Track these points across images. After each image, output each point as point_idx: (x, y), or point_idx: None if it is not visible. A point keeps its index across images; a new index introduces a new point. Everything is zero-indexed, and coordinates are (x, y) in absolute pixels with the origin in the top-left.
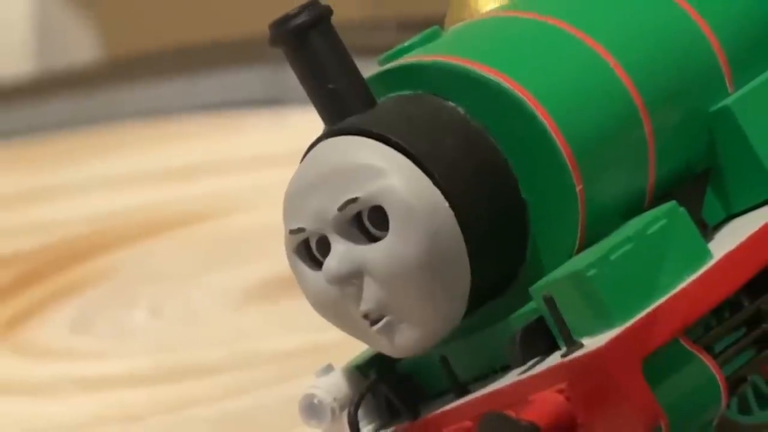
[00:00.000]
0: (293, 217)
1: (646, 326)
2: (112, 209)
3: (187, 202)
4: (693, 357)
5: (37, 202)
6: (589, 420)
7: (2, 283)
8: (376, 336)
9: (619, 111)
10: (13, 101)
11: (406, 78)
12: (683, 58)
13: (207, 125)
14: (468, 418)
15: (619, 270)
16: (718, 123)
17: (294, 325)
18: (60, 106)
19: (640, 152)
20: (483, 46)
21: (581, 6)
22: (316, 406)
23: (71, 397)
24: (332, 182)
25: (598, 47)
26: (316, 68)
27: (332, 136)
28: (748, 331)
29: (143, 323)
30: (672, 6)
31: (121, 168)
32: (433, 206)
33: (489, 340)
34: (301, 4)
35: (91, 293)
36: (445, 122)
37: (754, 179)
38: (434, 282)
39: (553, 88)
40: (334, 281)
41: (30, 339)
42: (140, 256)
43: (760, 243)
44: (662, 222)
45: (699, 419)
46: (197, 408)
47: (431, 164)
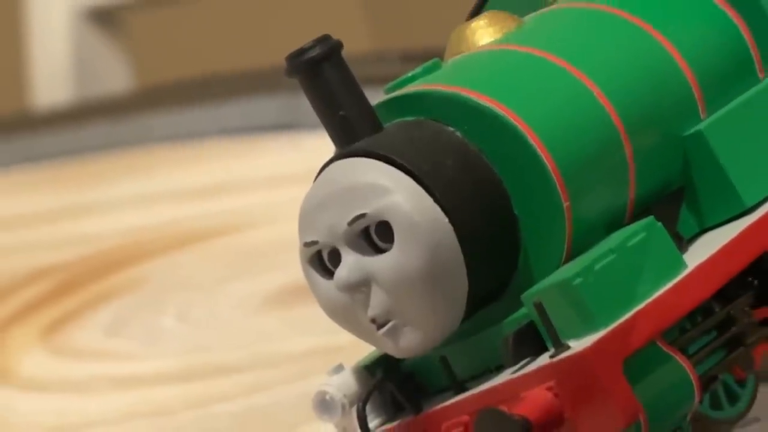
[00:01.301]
0: (307, 231)
1: (626, 330)
2: (143, 224)
3: (211, 217)
4: (669, 358)
5: (76, 218)
6: (575, 415)
7: (43, 291)
8: (382, 338)
9: (602, 135)
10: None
11: (409, 105)
12: (660, 88)
13: (229, 148)
14: (466, 413)
15: (602, 279)
16: (692, 146)
17: (308, 329)
18: (96, 131)
19: (621, 172)
20: (479, 76)
21: (568, 40)
22: (328, 402)
23: (105, 394)
24: (343, 199)
25: (583, 77)
26: (328, 96)
27: (342, 157)
28: (719, 334)
29: (171, 327)
30: (650, 40)
31: (152, 187)
32: (434, 221)
33: (484, 342)
34: (314, 39)
35: (124, 300)
36: (444, 145)
37: (725, 197)
38: (435, 290)
39: (543, 114)
40: (344, 289)
41: (68, 341)
42: (169, 267)
43: (730, 255)
44: (641, 235)
45: (674, 414)
46: (221, 404)
47: (432, 183)
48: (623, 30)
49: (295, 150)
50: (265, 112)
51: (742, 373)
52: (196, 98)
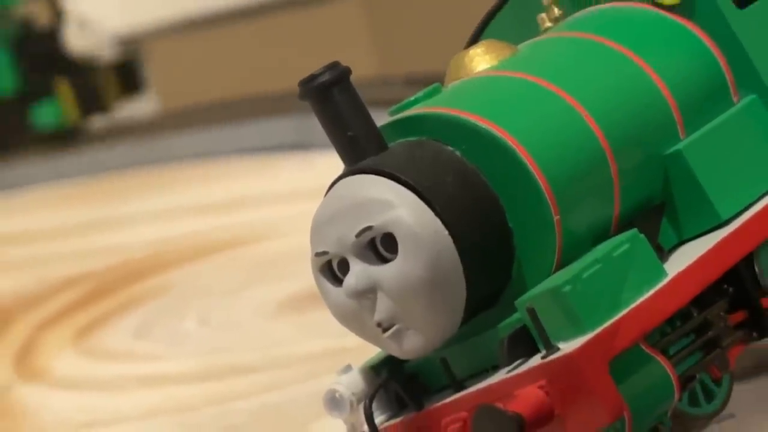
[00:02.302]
0: (318, 242)
1: (611, 333)
2: (167, 236)
3: (229, 229)
4: (651, 359)
5: (106, 230)
6: (565, 411)
7: (76, 298)
8: (387, 341)
9: (589, 154)
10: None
11: (412, 126)
12: (642, 110)
13: (246, 166)
14: (464, 409)
15: (589, 286)
16: (672, 164)
17: (319, 332)
18: (124, 151)
19: (607, 189)
20: (476, 100)
21: (558, 66)
22: (337, 400)
23: (132, 393)
24: (351, 213)
25: (572, 101)
26: (337, 118)
27: (350, 174)
28: (697, 337)
29: (193, 331)
30: (633, 66)
31: (175, 202)
32: (435, 233)
33: (481, 345)
34: (324, 65)
35: (150, 306)
36: (444, 163)
37: (702, 211)
38: (436, 296)
39: (535, 135)
40: (352, 296)
41: (98, 344)
42: (190, 275)
43: (707, 264)
44: (625, 246)
45: (656, 411)
46: (239, 401)
47: (433, 198)
48: (609, 57)
49: (307, 168)
50: (280, 132)
51: (718, 373)
52: (216, 120)
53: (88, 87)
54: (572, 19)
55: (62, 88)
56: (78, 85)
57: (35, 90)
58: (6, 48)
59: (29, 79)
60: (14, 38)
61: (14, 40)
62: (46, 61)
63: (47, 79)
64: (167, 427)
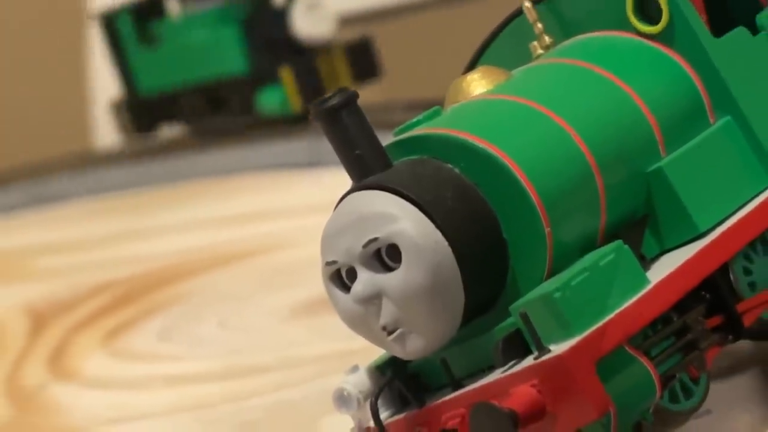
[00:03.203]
0: (328, 252)
1: (598, 336)
2: (189, 246)
3: (246, 240)
4: (634, 360)
5: (132, 242)
6: (555, 408)
7: (105, 303)
8: (391, 343)
9: (577, 171)
10: (116, 164)
11: (414, 146)
12: (626, 130)
13: (262, 182)
14: (462, 407)
15: (578, 293)
16: (654, 180)
17: (328, 335)
18: (149, 168)
19: (593, 203)
20: (474, 121)
21: (549, 90)
22: (345, 397)
23: (156, 391)
24: (358, 226)
25: (561, 122)
26: (346, 138)
27: (358, 190)
28: (676, 339)
29: (213, 334)
30: (618, 90)
31: (196, 215)
32: (436, 244)
33: (479, 347)
34: (334, 90)
35: (173, 311)
36: (444, 179)
37: (681, 223)
38: (436, 302)
39: (527, 153)
40: (359, 302)
41: (125, 346)
42: (210, 283)
43: (686, 272)
44: (611, 256)
45: (639, 407)
46: (254, 398)
47: (434, 212)
48: (596, 81)
49: (318, 184)
50: (293, 152)
51: (696, 373)
52: (235, 141)
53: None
54: (562, 46)
55: (286, 73)
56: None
57: (262, 73)
58: (238, 26)
59: (257, 62)
60: (248, 17)
61: (247, 19)
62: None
63: (275, 62)
64: (188, 422)
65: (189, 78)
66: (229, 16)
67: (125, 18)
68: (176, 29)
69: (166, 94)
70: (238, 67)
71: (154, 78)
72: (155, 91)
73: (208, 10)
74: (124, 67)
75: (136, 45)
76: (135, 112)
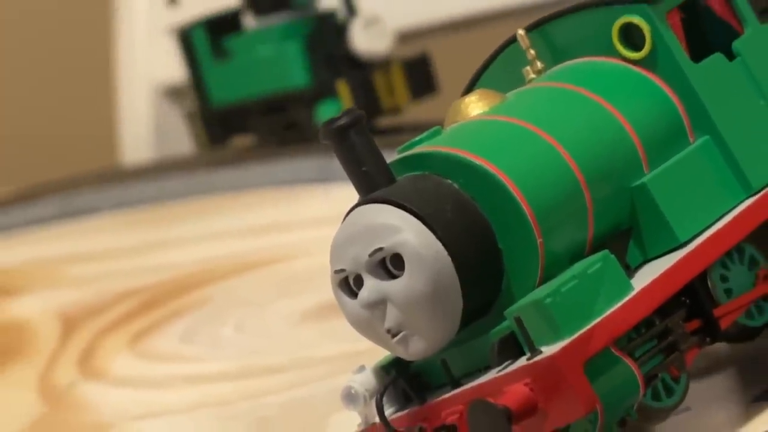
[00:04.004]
0: (337, 261)
1: (586, 338)
2: (209, 256)
3: (263, 250)
4: (620, 360)
5: (155, 251)
6: (547, 405)
7: (131, 308)
8: (395, 345)
9: (567, 186)
10: (140, 179)
11: (416, 163)
12: (612, 148)
13: (277, 197)
14: (461, 404)
15: (567, 299)
16: (638, 195)
17: (337, 338)
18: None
19: (582, 215)
20: (471, 140)
21: (541, 112)
22: (353, 395)
23: (178, 389)
24: (364, 236)
25: (552, 140)
26: (353, 156)
27: (364, 203)
28: (658, 341)
29: (231, 336)
30: (604, 111)
31: (215, 227)
32: (436, 253)
33: (476, 348)
34: (342, 111)
35: (194, 315)
36: (444, 194)
37: (663, 234)
38: (437, 307)
39: (521, 170)
40: (365, 307)
41: (150, 347)
42: (229, 289)
43: (667, 280)
44: (598, 265)
45: (624, 405)
46: (270, 396)
47: (435, 224)
48: (583, 103)
49: (328, 198)
50: (305, 169)
51: (676, 372)
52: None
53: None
54: (552, 71)
55: (342, 87)
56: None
57: (322, 87)
58: (302, 41)
59: (318, 76)
60: (311, 32)
61: (311, 34)
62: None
63: (333, 77)
64: (207, 418)
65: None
66: (294, 31)
67: (200, 33)
68: (246, 44)
69: (237, 107)
70: (301, 80)
71: (226, 91)
72: (227, 104)
73: (275, 25)
74: (198, 81)
75: (210, 59)
76: (208, 124)
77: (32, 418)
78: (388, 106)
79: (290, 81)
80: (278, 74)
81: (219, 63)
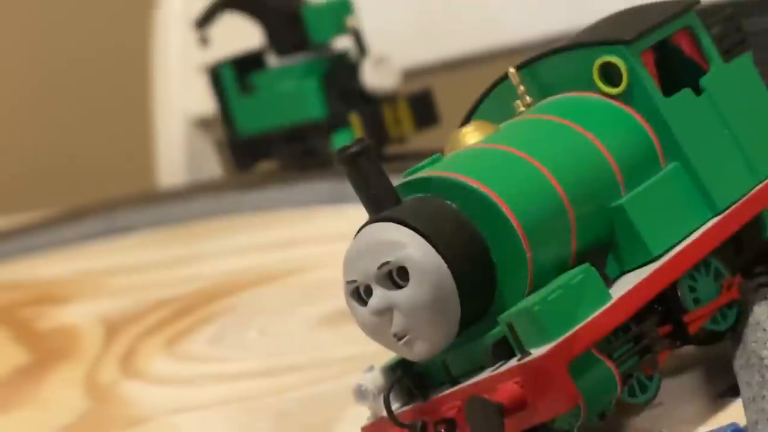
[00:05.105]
0: (349, 273)
1: (570, 342)
2: (235, 268)
3: (283, 263)
4: (600, 361)
5: (189, 264)
6: (535, 401)
7: (167, 315)
8: (401, 348)
9: (552, 206)
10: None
11: (420, 186)
12: (592, 172)
13: (296, 216)
14: (459, 399)
15: (553, 306)
16: (615, 214)
17: (350, 341)
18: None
19: (566, 232)
20: (468, 166)
21: (529, 140)
22: (363, 392)
23: (208, 386)
24: (373, 251)
25: (539, 166)
26: (363, 180)
27: (373, 222)
28: (634, 344)
29: (255, 339)
30: (585, 139)
31: (241, 243)
32: (437, 267)
33: (472, 350)
34: (353, 140)
35: (222, 321)
36: (444, 214)
37: (638, 249)
38: (437, 314)
39: (512, 191)
40: (374, 314)
41: (183, 350)
42: (253, 297)
43: (641, 290)
44: (580, 276)
45: (603, 400)
46: (290, 392)
47: (436, 240)
48: (567, 133)
49: (341, 217)
50: (321, 191)
51: (650, 372)
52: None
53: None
54: (540, 104)
55: (354, 119)
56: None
57: (337, 119)
58: (320, 79)
59: (333, 109)
60: (327, 71)
61: (327, 73)
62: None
63: (346, 110)
64: (234, 412)
65: (279, 122)
66: (312, 69)
67: (228, 70)
68: (269, 80)
69: (261, 136)
70: (318, 113)
71: (252, 122)
72: (252, 133)
73: (295, 64)
74: (226, 113)
75: (237, 93)
76: (235, 151)
77: (79, 412)
78: (395, 136)
79: (308, 113)
80: (298, 107)
81: (245, 97)
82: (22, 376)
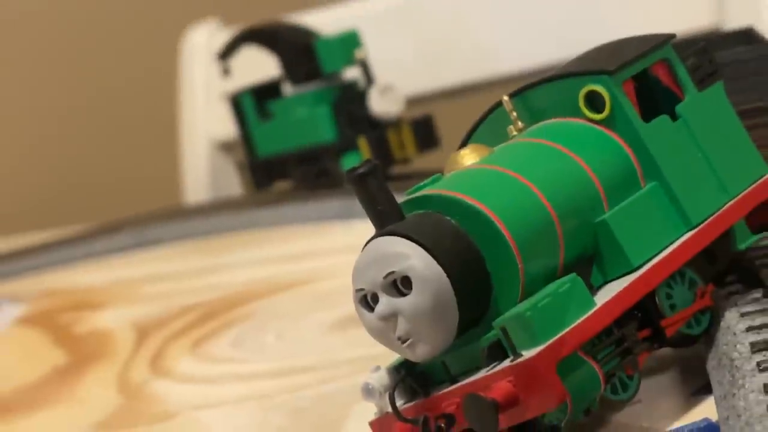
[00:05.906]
0: (357, 282)
1: (558, 344)
2: (255, 277)
3: (297, 273)
4: (585, 362)
5: (212, 274)
6: (526, 398)
7: (192, 320)
8: (405, 350)
9: (542, 221)
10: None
11: (421, 203)
12: (578, 191)
13: (309, 231)
14: (457, 396)
15: (543, 313)
16: (599, 229)
17: (358, 344)
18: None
19: (554, 245)
20: (465, 184)
21: (521, 161)
22: (370, 390)
23: (230, 385)
24: (380, 262)
25: (530, 184)
26: (370, 197)
27: (380, 236)
28: (616, 347)
29: (272, 343)
30: (571, 161)
31: (259, 255)
32: (438, 276)
33: (469, 352)
34: (362, 161)
35: (243, 325)
36: (444, 228)
37: (619, 260)
38: (438, 319)
39: (505, 208)
40: (381, 319)
41: (207, 352)
42: (271, 305)
43: (623, 297)
44: (567, 285)
45: (588, 398)
46: (304, 390)
47: (436, 252)
48: (556, 155)
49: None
50: (332, 208)
51: (631, 371)
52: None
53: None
54: (530, 129)
55: (362, 143)
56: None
57: (346, 142)
58: (331, 106)
59: (343, 133)
60: (338, 98)
61: (337, 101)
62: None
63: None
64: (253, 408)
65: (294, 145)
66: (323, 97)
67: (248, 98)
68: (285, 107)
69: (278, 158)
70: (330, 136)
71: (269, 145)
72: (269, 156)
73: (308, 92)
74: (246, 137)
75: (256, 119)
76: (254, 171)
77: (113, 409)
78: (399, 158)
79: (321, 137)
80: (311, 132)
81: (263, 122)
82: (60, 376)
